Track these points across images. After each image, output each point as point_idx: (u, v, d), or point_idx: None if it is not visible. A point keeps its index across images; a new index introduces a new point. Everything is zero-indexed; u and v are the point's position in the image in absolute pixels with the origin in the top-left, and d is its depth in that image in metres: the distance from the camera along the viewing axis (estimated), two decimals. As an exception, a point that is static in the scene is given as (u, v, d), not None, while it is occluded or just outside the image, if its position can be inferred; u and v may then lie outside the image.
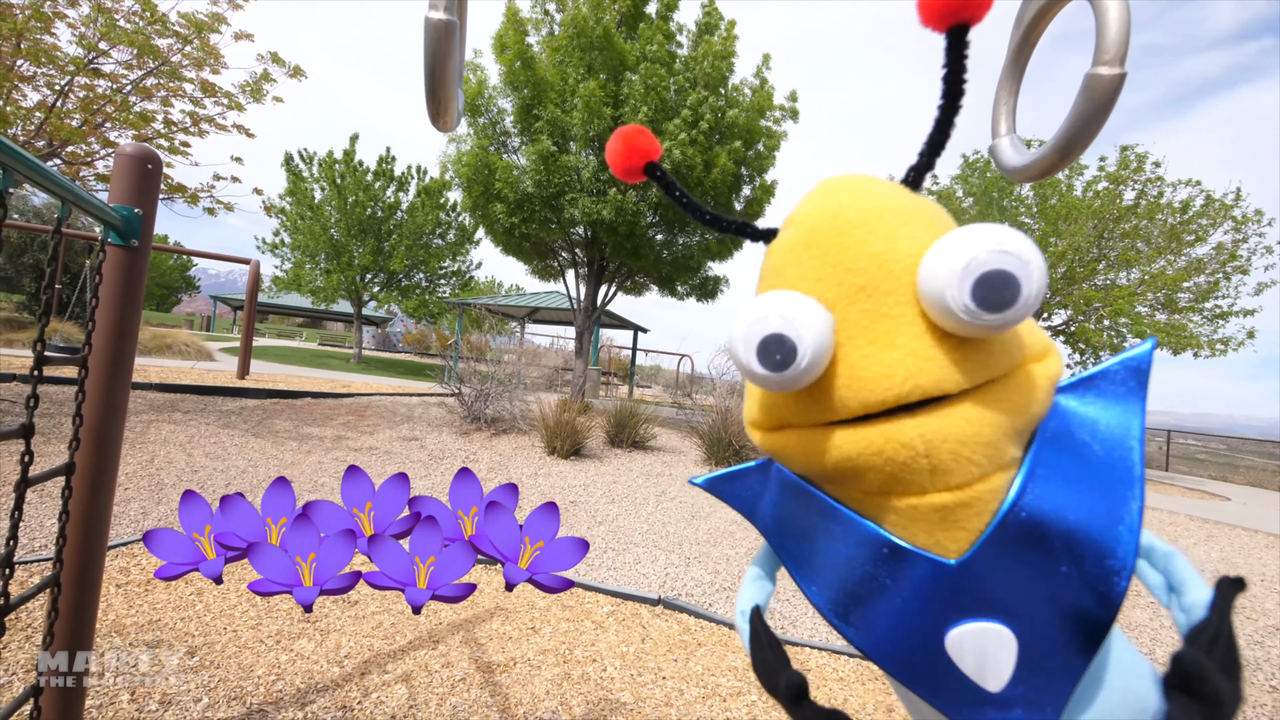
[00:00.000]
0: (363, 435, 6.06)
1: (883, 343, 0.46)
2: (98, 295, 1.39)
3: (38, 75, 4.90)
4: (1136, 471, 0.46)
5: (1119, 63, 0.50)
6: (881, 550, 0.50)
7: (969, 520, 0.46)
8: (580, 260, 10.03)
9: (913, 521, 0.48)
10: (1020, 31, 0.65)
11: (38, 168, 1.04)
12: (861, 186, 0.51)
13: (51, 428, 4.54)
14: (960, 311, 0.42)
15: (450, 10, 0.53)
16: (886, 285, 0.47)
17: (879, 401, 0.46)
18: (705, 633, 2.83)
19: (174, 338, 11.37)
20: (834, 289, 0.49)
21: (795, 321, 0.46)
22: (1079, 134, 0.53)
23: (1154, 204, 11.12)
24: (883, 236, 0.48)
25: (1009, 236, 0.41)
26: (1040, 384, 0.47)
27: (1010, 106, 0.68)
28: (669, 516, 4.73)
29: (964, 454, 0.45)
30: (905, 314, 0.46)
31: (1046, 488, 0.46)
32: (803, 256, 0.51)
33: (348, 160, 15.37)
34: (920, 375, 0.45)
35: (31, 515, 3.10)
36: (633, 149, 0.60)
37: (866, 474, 0.48)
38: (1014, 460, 0.47)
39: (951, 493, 0.46)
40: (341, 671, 2.12)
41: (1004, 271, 0.41)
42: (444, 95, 0.57)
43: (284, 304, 32.68)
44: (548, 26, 8.70)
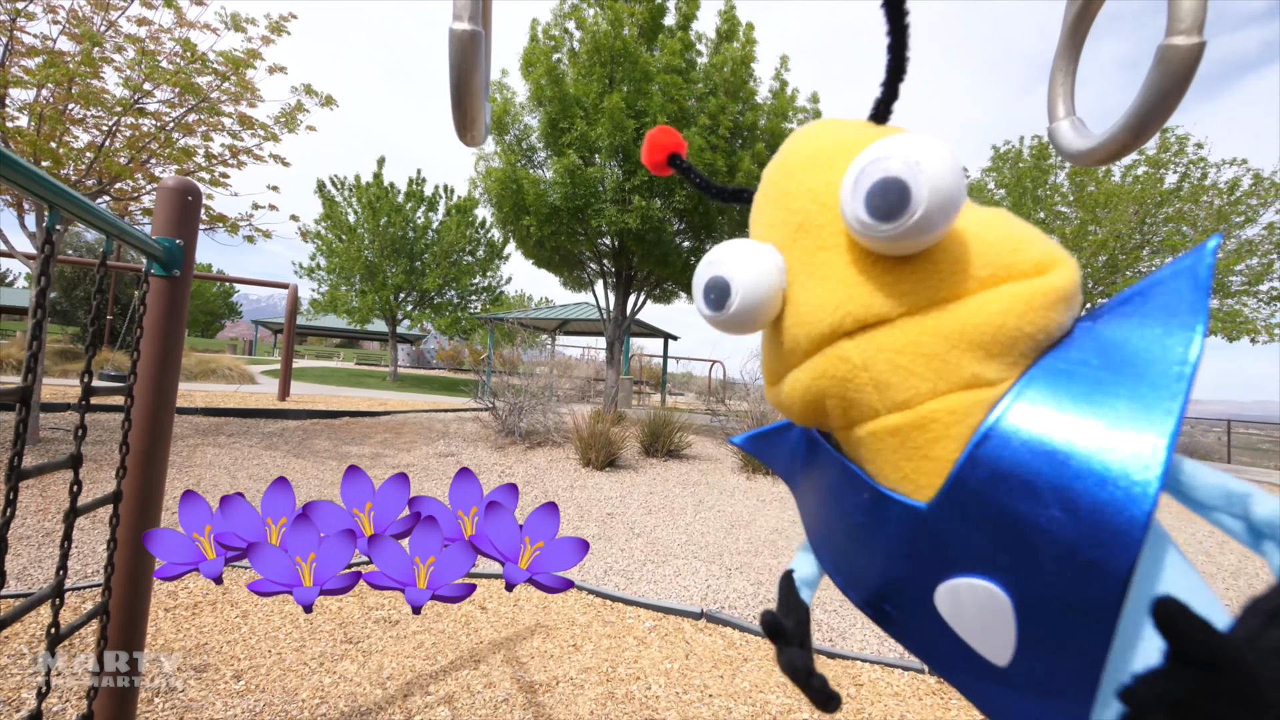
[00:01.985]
0: (400, 452, 6.14)
1: (819, 275, 0.46)
2: (142, 325, 1.42)
3: (87, 117, 5.14)
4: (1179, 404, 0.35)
5: (1197, 30, 0.46)
6: (863, 495, 0.48)
7: (930, 447, 0.42)
8: (609, 270, 10.06)
9: (878, 453, 0.45)
10: (1075, 7, 0.61)
11: (81, 203, 1.06)
12: (816, 129, 0.52)
13: (102, 454, 4.70)
14: (855, 223, 0.41)
15: (475, 20, 0.53)
16: (820, 218, 0.47)
17: (820, 334, 0.45)
18: (751, 647, 2.75)
19: (218, 362, 11.77)
20: (781, 231, 0.49)
21: (729, 263, 0.48)
22: (1154, 110, 0.50)
23: (1198, 186, 10.64)
24: (820, 170, 0.48)
25: (903, 140, 0.39)
26: (1017, 297, 0.40)
27: (1068, 87, 0.65)
28: (708, 526, 4.65)
29: (901, 363, 0.42)
30: (839, 244, 0.46)
31: (1036, 414, 0.38)
32: (760, 205, 0.53)
33: (377, 182, 15.79)
34: (850, 302, 0.44)
35: (82, 540, 3.20)
36: (656, 145, 0.65)
37: (824, 403, 0.47)
38: (980, 380, 0.41)
39: (901, 412, 0.43)
40: (384, 694, 2.11)
41: (889, 178, 0.39)
42: (471, 107, 0.56)
43: (321, 325, 33.65)
44: (569, 43, 8.80)
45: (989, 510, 0.39)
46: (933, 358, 0.41)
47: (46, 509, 3.59)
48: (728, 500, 5.49)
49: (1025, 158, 12.15)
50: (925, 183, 0.38)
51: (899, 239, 0.40)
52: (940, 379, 0.42)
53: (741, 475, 6.48)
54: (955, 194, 0.38)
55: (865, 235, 0.41)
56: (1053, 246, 0.43)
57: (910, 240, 0.40)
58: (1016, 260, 0.42)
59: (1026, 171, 11.86)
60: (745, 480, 6.29)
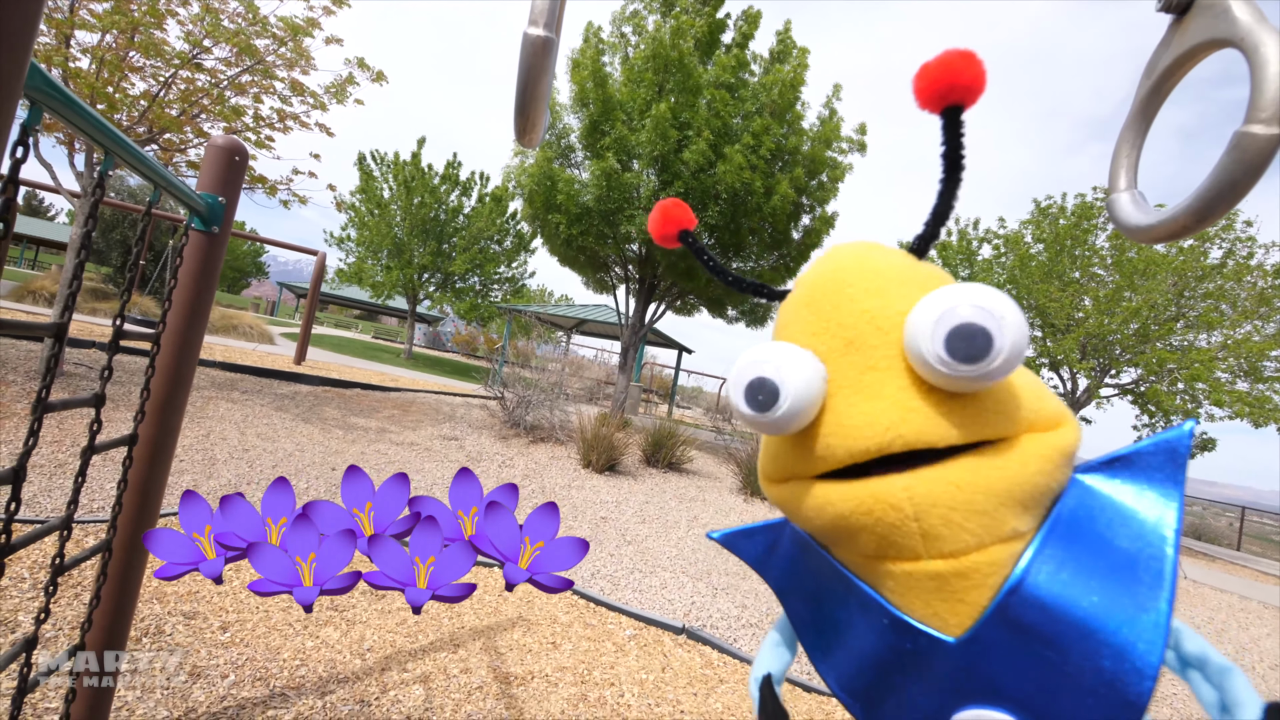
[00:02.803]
0: (406, 430, 6.20)
1: (868, 394, 0.47)
2: (176, 276, 1.45)
3: (146, 66, 5.28)
4: (1168, 568, 0.42)
5: (1278, 121, 0.44)
6: (882, 620, 0.49)
7: (967, 593, 0.44)
8: (633, 276, 10.09)
9: (909, 590, 0.46)
10: (1151, 81, 0.60)
11: (136, 153, 1.09)
12: (864, 251, 0.54)
13: (120, 395, 4.80)
14: (934, 362, 0.43)
15: (550, 28, 0.53)
16: (874, 340, 0.48)
17: (862, 450, 0.46)
18: (728, 669, 2.74)
19: (240, 319, 11.97)
20: (826, 342, 0.50)
21: (780, 367, 0.48)
22: (1222, 196, 0.48)
23: (1242, 265, 10.41)
24: (875, 295, 0.50)
25: (986, 293, 0.43)
26: (1046, 454, 0.45)
27: (1133, 160, 0.63)
28: (699, 543, 4.63)
29: (955, 520, 0.44)
30: (892, 367, 0.47)
31: (1057, 571, 0.43)
32: (802, 313, 0.54)
33: (415, 163, 15.99)
34: (902, 425, 0.45)
35: (91, 477, 3.27)
36: (669, 219, 0.65)
37: (860, 534, 0.47)
38: (1017, 534, 0.44)
39: (945, 560, 0.44)
40: (363, 664, 2.13)
41: (975, 324, 0.42)
42: (535, 112, 0.56)
43: (344, 295, 34.08)
44: (623, 49, 8.87)
45: (1014, 651, 0.43)
46: (983, 514, 0.44)
47: (61, 441, 3.67)
48: (723, 519, 5.46)
49: (1068, 215, 11.99)
50: (1008, 334, 0.41)
51: (973, 381, 0.43)
52: (986, 533, 0.44)
53: (739, 496, 6.46)
54: (1025, 347, 0.42)
55: (938, 372, 0.43)
56: (1061, 404, 0.48)
57: (979, 383, 0.43)
58: (1041, 411, 0.46)
59: (1067, 230, 11.69)
60: (742, 502, 6.27)
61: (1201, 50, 0.53)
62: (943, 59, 0.47)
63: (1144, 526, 0.44)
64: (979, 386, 0.43)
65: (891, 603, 0.48)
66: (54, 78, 0.82)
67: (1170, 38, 0.56)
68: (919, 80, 0.49)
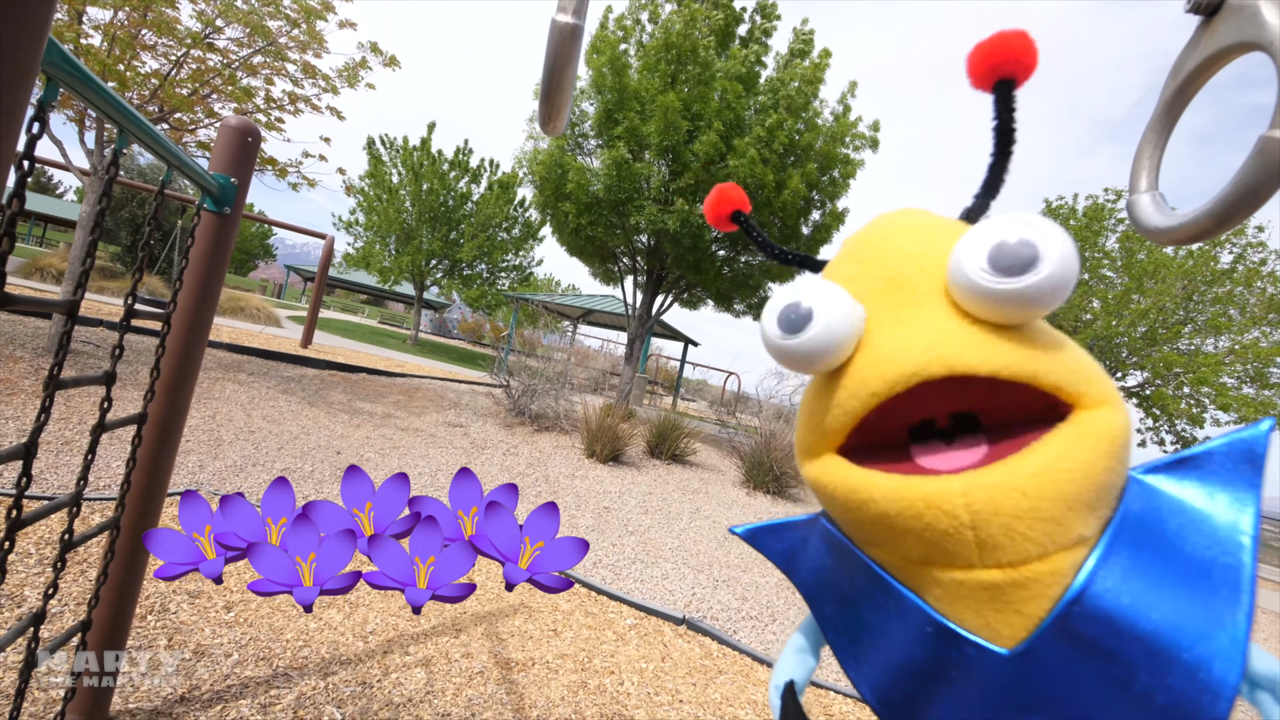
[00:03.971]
0: (411, 416, 6.22)
1: (908, 325, 0.46)
2: (187, 256, 1.45)
3: (158, 45, 5.27)
4: (1246, 579, 0.38)
5: None
6: (926, 629, 0.45)
7: (1024, 604, 0.41)
8: (640, 268, 10.06)
9: (958, 599, 0.43)
10: (1176, 83, 0.59)
11: (151, 132, 1.09)
12: (909, 212, 0.54)
13: (126, 374, 4.83)
14: (977, 276, 0.42)
15: (579, 15, 0.52)
16: (916, 277, 0.48)
17: (898, 374, 0.44)
18: (727, 660, 2.75)
19: (247, 301, 12.01)
20: (866, 284, 0.50)
21: (815, 294, 0.48)
22: (1244, 200, 0.47)
23: (1253, 270, 10.33)
24: (919, 239, 0.50)
25: (1033, 216, 0.42)
26: (1106, 440, 0.41)
27: (1155, 161, 0.63)
28: (701, 535, 4.65)
29: (1019, 529, 0.40)
30: (934, 301, 0.46)
31: (1123, 580, 0.39)
32: (843, 263, 0.54)
33: (425, 148, 15.95)
34: (941, 347, 0.43)
35: (99, 455, 3.29)
36: (725, 199, 0.65)
37: (905, 538, 0.44)
38: (1081, 540, 0.41)
39: (1003, 570, 0.41)
40: (365, 647, 2.15)
41: (1020, 238, 0.41)
42: (560, 99, 0.56)
43: (351, 280, 34.17)
44: (638, 35, 8.80)
45: (1073, 666, 0.40)
46: (1050, 521, 0.40)
47: (69, 418, 3.70)
48: (725, 512, 5.47)
49: (1078, 216, 11.90)
50: (1054, 248, 0.40)
51: (1017, 297, 0.41)
52: (1051, 541, 0.41)
53: (742, 490, 6.47)
54: (1074, 269, 0.40)
55: (979, 289, 0.42)
56: (1108, 383, 0.44)
57: (1024, 304, 0.41)
58: (1090, 377, 0.43)
59: (1077, 230, 11.62)
60: (745, 495, 6.28)
61: (1230, 53, 0.52)
62: (997, 37, 0.48)
63: (1218, 532, 0.40)
64: (1024, 312, 0.42)
65: (937, 610, 0.45)
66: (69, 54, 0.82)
67: (1198, 39, 0.55)
68: (973, 58, 0.49)
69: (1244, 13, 0.49)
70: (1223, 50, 0.52)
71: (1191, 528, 0.41)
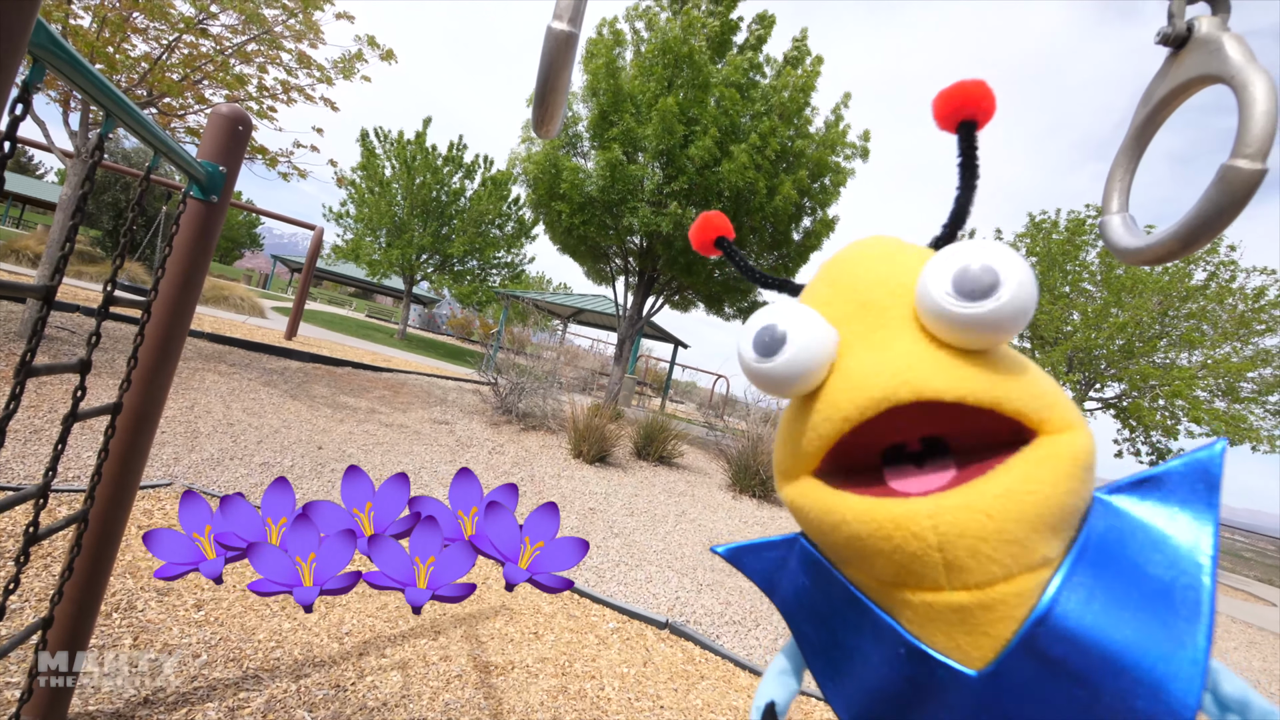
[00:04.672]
0: (396, 412, 6.15)
1: (878, 349, 0.47)
2: (171, 244, 1.42)
3: (149, 28, 5.17)
4: (1205, 599, 0.39)
5: (1261, 158, 0.46)
6: (899, 650, 0.46)
7: (991, 626, 0.42)
8: (632, 269, 10.06)
9: (929, 620, 0.44)
10: (1147, 110, 0.62)
11: (139, 117, 1.06)
12: (881, 239, 0.55)
13: (102, 362, 4.73)
14: (941, 299, 0.43)
15: (574, 23, 0.53)
16: (886, 301, 0.49)
17: (868, 399, 0.45)
18: (709, 665, 2.74)
19: (231, 290, 11.84)
20: (839, 308, 0.51)
21: (789, 317, 0.49)
22: (1207, 224, 0.50)
23: (1224, 287, 10.63)
24: (891, 265, 0.51)
25: (993, 244, 0.44)
26: (1067, 463, 0.43)
27: (1125, 184, 0.66)
28: (686, 538, 4.64)
29: (983, 551, 0.41)
30: (903, 325, 0.47)
31: (1087, 601, 0.41)
32: (817, 287, 0.56)
33: (419, 143, 15.83)
34: (909, 372, 0.44)
35: (69, 444, 3.22)
36: (709, 226, 0.67)
37: (875, 560, 0.46)
38: (1046, 561, 0.42)
39: (970, 592, 0.42)
40: (340, 648, 2.11)
41: (982, 264, 0.42)
42: (554, 104, 0.57)
43: (339, 272, 33.79)
44: (636, 44, 8.83)
45: (1040, 687, 0.41)
46: (1014, 543, 0.42)
47: (39, 406, 3.61)
48: (710, 515, 5.47)
49: (1060, 230, 12.12)
50: (1013, 275, 0.42)
51: (979, 322, 0.42)
52: (1015, 563, 0.42)
53: (728, 493, 6.47)
54: (1033, 296, 0.42)
55: (943, 314, 0.43)
56: (1072, 409, 0.46)
57: (986, 329, 0.43)
58: (1054, 403, 0.45)
59: (1059, 245, 11.84)
60: (731, 499, 6.28)
61: (1195, 84, 0.56)
62: (957, 86, 0.51)
63: (1178, 553, 0.41)
64: (986, 336, 0.43)
65: (909, 631, 0.46)
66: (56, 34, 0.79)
67: (1167, 70, 0.59)
68: (937, 104, 0.52)
69: (1209, 47, 0.53)
70: (1189, 81, 0.56)
71: (1153, 548, 0.42)
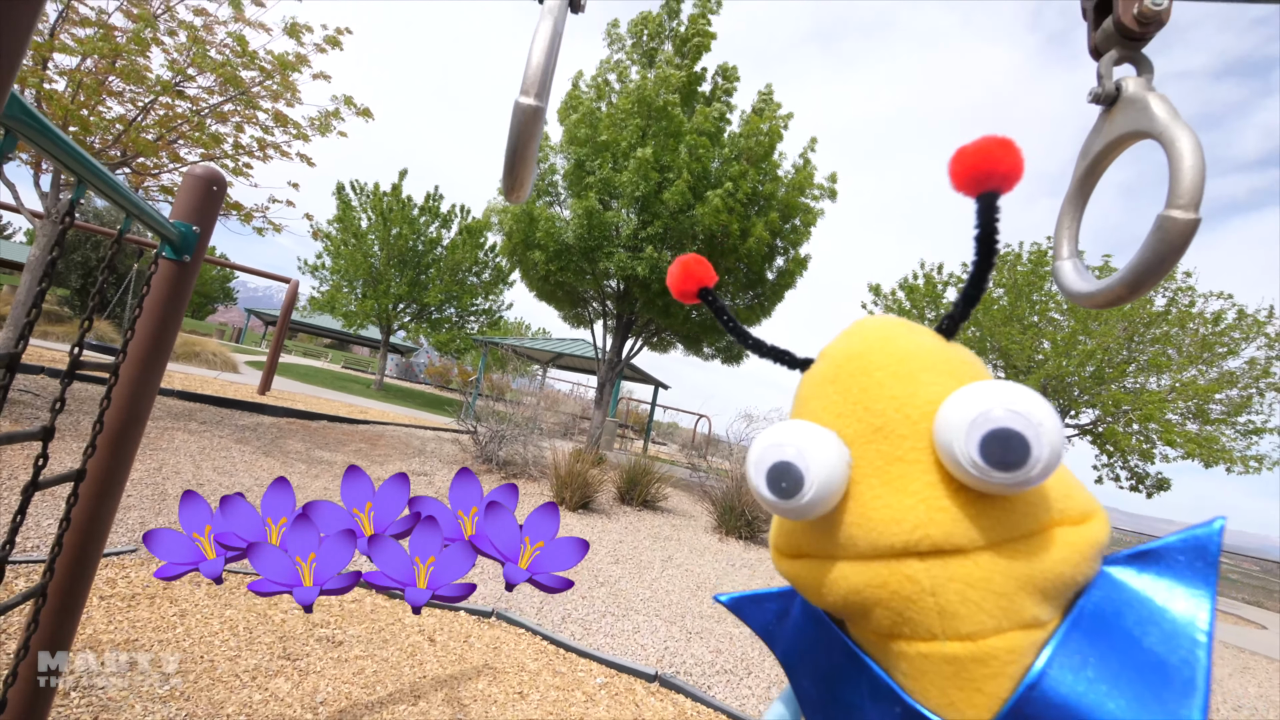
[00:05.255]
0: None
1: (895, 486, 0.46)
2: (141, 304, 1.40)
3: (125, 91, 5.23)
4: (1200, 676, 0.39)
5: (1194, 208, 0.48)
6: (894, 709, 0.46)
7: (985, 682, 0.42)
8: (610, 312, 10.15)
9: (924, 674, 0.44)
10: (1085, 163, 0.65)
11: (111, 181, 1.06)
12: (892, 330, 0.53)
13: (66, 425, 4.58)
14: (968, 466, 0.41)
15: (541, 98, 0.54)
16: (902, 429, 0.47)
17: (888, 546, 0.45)
18: (702, 718, 2.65)
19: (203, 346, 11.64)
20: (852, 426, 0.49)
21: (805, 452, 0.46)
22: (1150, 270, 0.52)
23: (1185, 312, 11.02)
24: (904, 380, 0.49)
25: (1023, 396, 0.41)
26: (1074, 546, 0.43)
27: (1073, 231, 0.68)
28: (673, 584, 4.54)
29: (971, 597, 0.42)
30: (920, 460, 0.46)
31: (1080, 668, 0.41)
32: (827, 390, 0.53)
33: (395, 194, 16.00)
34: (930, 525, 0.44)
35: (30, 511, 3.08)
36: (689, 275, 0.64)
37: (874, 609, 0.46)
38: (1037, 621, 0.42)
39: (963, 643, 0.43)
40: (314, 719, 2.00)
41: (1012, 430, 0.40)
42: (522, 174, 0.58)
43: (314, 323, 33.51)
44: (608, 95, 9.16)
45: None
46: (1001, 596, 0.42)
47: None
48: (697, 560, 5.38)
49: (1024, 261, 12.55)
50: (1046, 443, 0.40)
51: (1006, 489, 0.41)
52: (1005, 617, 0.42)
53: (714, 536, 6.38)
54: (1062, 452, 0.40)
55: (972, 476, 0.42)
56: (1090, 496, 0.46)
57: (1012, 489, 0.42)
58: (1069, 507, 0.45)
59: (1025, 276, 12.24)
60: (717, 541, 6.19)
61: (1127, 139, 0.58)
62: (981, 145, 0.47)
63: (1175, 627, 0.42)
64: (1011, 492, 0.42)
65: (905, 689, 0.46)
66: (28, 101, 0.80)
67: (1101, 126, 0.61)
68: (956, 164, 0.49)
69: (1136, 105, 0.55)
70: (1121, 136, 0.58)
71: (1150, 621, 0.42)
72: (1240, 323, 10.80)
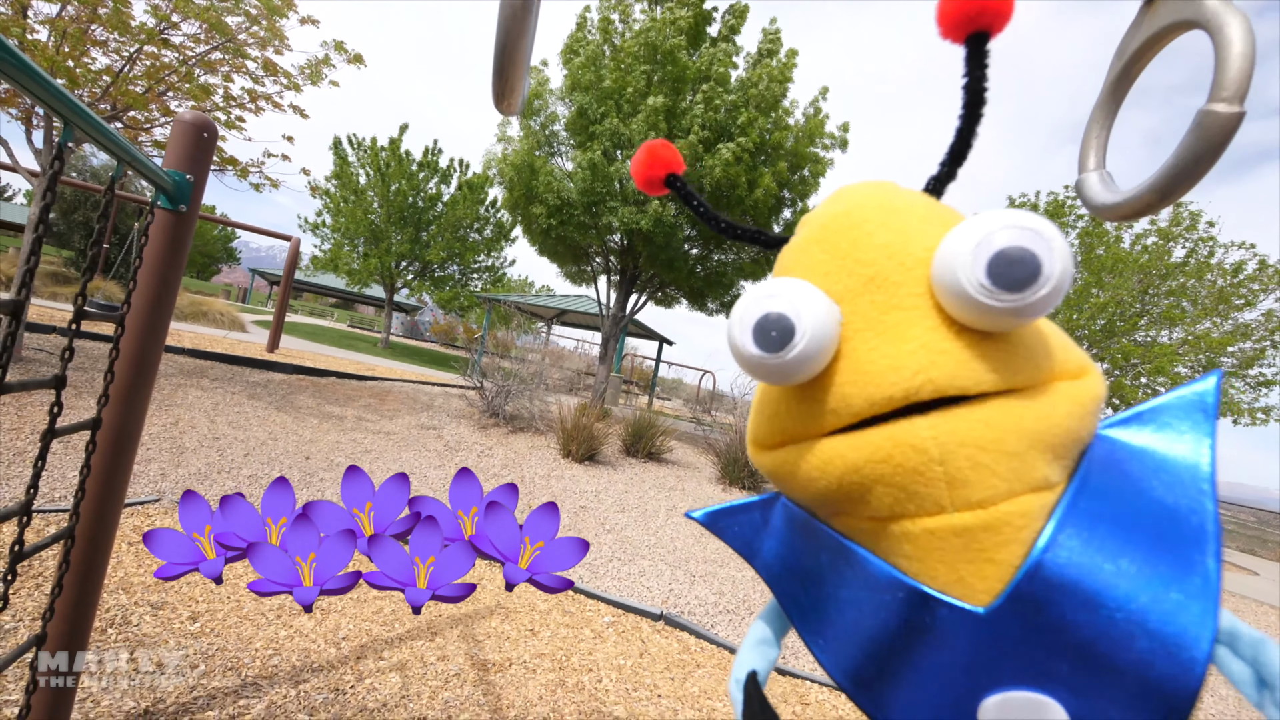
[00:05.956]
0: (383, 419, 6.11)
1: (892, 335, 0.43)
2: (142, 256, 1.41)
3: (109, 40, 5.08)
4: (1210, 522, 0.38)
5: (1239, 100, 0.44)
6: (896, 595, 0.44)
7: (997, 550, 0.40)
8: (614, 267, 10.06)
9: (930, 552, 0.42)
10: (1121, 63, 0.60)
11: (98, 124, 1.05)
12: (877, 188, 0.50)
13: (84, 382, 4.66)
14: (974, 290, 0.39)
15: None
16: (897, 276, 0.44)
17: (886, 398, 0.42)
18: (705, 654, 2.77)
19: (210, 306, 11.67)
20: (842, 281, 0.46)
21: (794, 300, 0.43)
22: (1185, 173, 0.48)
23: (1204, 263, 10.79)
24: (895, 230, 0.46)
25: (1028, 215, 0.39)
26: (1077, 398, 0.42)
27: (1102, 140, 0.63)
28: (677, 531, 4.67)
29: (983, 461, 0.40)
30: (918, 306, 0.43)
31: (1094, 524, 0.39)
32: (811, 250, 0.50)
33: (394, 149, 15.68)
34: (933, 368, 0.41)
35: (54, 465, 3.17)
36: (655, 160, 0.60)
37: (874, 489, 0.43)
38: (1047, 483, 0.41)
39: (973, 511, 0.40)
40: (338, 653, 2.11)
41: (1021, 246, 0.38)
42: (512, 76, 0.52)
43: (319, 283, 33.42)
44: (611, 38, 8.81)
45: (1051, 619, 0.39)
46: (1014, 456, 0.40)
47: (20, 428, 3.55)
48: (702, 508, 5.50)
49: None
50: (1057, 258, 0.38)
51: (1018, 313, 0.39)
52: (1017, 479, 0.40)
53: (718, 486, 6.51)
54: (1071, 274, 0.39)
55: (977, 304, 0.39)
56: (1083, 353, 0.45)
57: (1024, 318, 0.39)
58: (1068, 359, 0.44)
59: (1037, 225, 11.99)
60: (721, 491, 6.32)
61: (1170, 32, 0.54)
62: None
63: (1179, 474, 0.41)
64: (1017, 322, 0.40)
65: (907, 573, 0.44)
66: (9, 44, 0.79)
67: (1141, 20, 0.57)
68: (943, 8, 0.46)
69: None
70: (1164, 29, 0.54)
71: (1154, 472, 0.42)
72: (1260, 274, 10.58)
